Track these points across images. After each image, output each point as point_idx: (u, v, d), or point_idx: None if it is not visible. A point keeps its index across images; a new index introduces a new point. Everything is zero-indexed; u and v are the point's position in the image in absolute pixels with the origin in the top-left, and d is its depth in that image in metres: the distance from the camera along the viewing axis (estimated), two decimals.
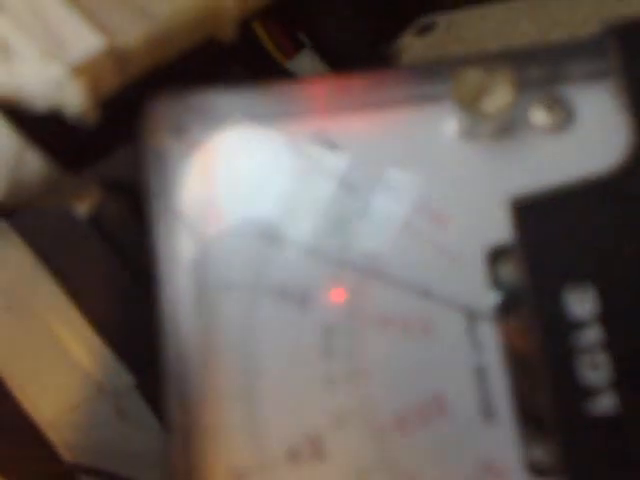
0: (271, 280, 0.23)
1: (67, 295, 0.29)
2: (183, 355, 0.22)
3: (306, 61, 0.35)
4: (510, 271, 0.22)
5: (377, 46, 0.35)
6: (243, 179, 0.24)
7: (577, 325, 0.21)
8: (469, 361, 0.22)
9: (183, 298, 0.23)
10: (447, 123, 0.23)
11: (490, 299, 0.22)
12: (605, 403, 0.21)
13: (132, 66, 0.26)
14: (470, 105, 0.22)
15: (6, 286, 0.29)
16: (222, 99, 0.24)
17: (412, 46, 0.34)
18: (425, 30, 0.34)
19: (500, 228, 0.22)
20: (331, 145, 0.23)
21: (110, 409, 0.29)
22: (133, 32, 0.25)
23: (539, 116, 0.23)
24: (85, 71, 0.25)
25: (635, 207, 0.21)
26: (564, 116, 0.23)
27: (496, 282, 0.22)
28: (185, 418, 0.22)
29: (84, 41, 0.25)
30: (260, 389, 0.22)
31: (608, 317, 0.21)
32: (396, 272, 0.23)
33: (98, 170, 0.29)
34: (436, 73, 0.23)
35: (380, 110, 0.23)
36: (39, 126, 0.26)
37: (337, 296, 0.23)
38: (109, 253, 0.30)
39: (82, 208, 0.29)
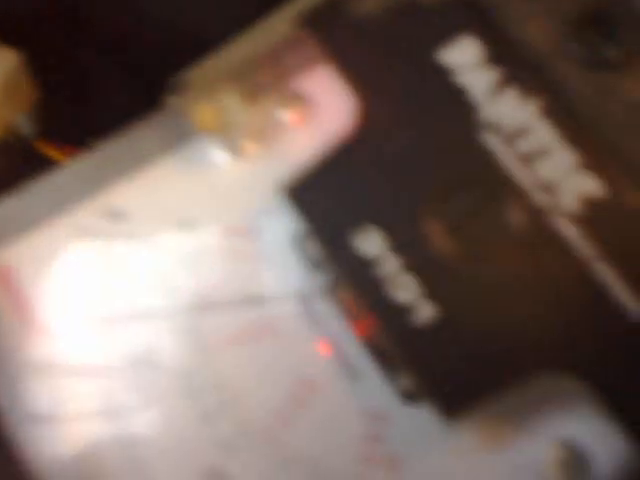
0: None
1: None
2: None
3: None
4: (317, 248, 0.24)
5: None
6: (55, 279, 0.25)
7: (373, 260, 0.22)
8: (315, 335, 0.23)
9: None
10: (214, 152, 0.25)
11: (315, 279, 0.24)
12: (423, 313, 0.22)
13: None
14: (213, 132, 0.24)
15: None
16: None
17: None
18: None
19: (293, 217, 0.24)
20: (117, 214, 0.25)
21: None
22: None
23: (284, 114, 0.25)
24: None
25: (373, 161, 0.23)
26: (304, 109, 0.25)
27: (312, 262, 0.24)
28: None
29: None
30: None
31: (397, 246, 0.22)
32: (227, 296, 0.24)
33: None
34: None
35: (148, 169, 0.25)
36: None
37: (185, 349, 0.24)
38: None
39: None
